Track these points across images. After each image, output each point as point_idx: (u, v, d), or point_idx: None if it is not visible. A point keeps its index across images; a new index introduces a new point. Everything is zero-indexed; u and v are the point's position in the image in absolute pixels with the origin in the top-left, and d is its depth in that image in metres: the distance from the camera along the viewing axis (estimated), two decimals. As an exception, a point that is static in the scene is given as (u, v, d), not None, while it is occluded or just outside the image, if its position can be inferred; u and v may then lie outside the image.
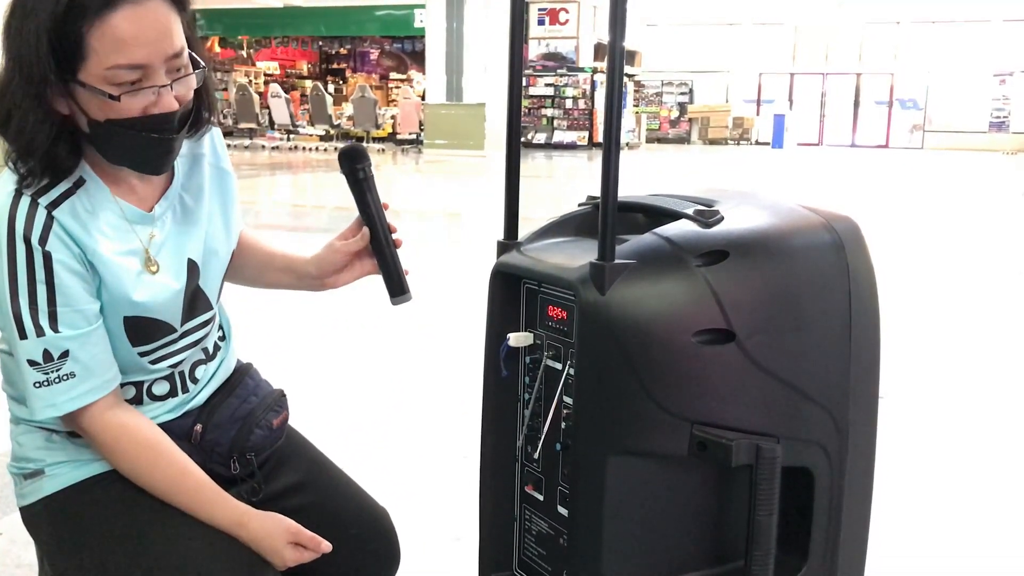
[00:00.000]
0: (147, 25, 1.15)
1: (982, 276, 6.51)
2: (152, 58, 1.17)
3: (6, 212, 1.17)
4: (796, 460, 1.13)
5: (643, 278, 1.09)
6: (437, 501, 2.61)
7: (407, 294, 1.36)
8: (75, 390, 1.19)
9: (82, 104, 1.18)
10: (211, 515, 1.25)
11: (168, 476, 1.25)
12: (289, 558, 1.26)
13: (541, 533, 1.29)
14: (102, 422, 1.22)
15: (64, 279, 1.18)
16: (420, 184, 13.75)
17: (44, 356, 1.17)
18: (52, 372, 1.18)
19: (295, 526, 1.28)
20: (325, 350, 3.95)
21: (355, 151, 1.35)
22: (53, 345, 1.18)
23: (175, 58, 1.20)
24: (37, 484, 1.29)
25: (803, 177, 15.31)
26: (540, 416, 1.25)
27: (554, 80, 21.98)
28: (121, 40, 1.14)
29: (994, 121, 24.16)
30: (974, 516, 2.51)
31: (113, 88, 1.16)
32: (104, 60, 1.14)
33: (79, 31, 1.13)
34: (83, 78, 1.15)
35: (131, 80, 1.16)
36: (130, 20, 1.14)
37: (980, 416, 3.41)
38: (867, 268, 1.19)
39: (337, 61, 27.19)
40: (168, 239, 1.31)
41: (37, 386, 1.18)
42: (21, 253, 1.16)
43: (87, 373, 1.20)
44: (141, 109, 1.18)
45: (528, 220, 1.31)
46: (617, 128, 1.08)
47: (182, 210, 1.34)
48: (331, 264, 1.44)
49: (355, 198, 1.38)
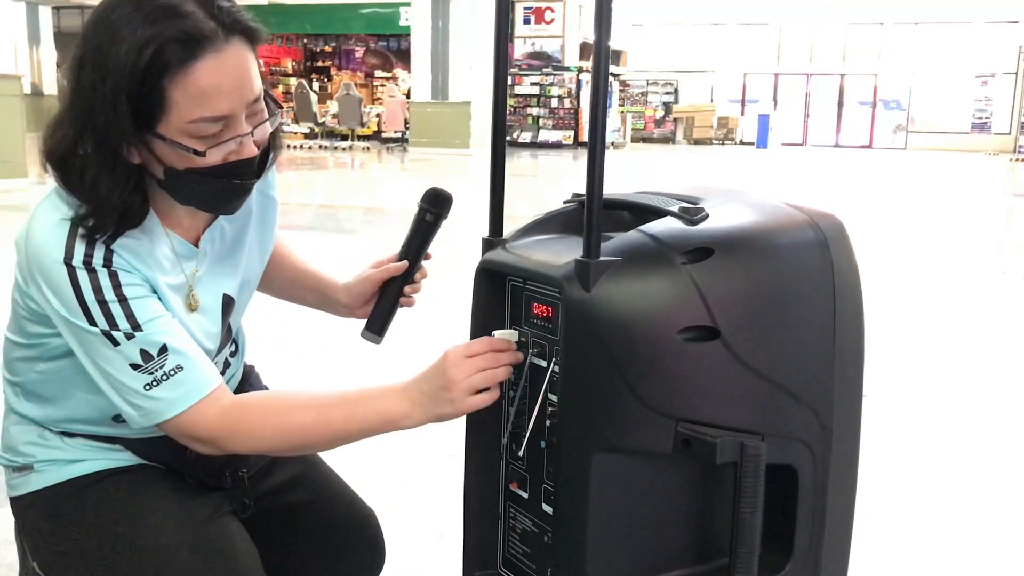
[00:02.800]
0: (229, 73, 1.11)
1: (964, 275, 6.56)
2: (235, 108, 1.13)
3: (63, 245, 1.12)
4: (780, 457, 1.13)
5: (628, 275, 1.08)
6: (422, 499, 2.60)
7: (380, 338, 1.40)
8: (187, 385, 1.15)
9: (159, 155, 1.13)
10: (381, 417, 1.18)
11: (314, 416, 1.19)
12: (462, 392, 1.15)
13: (526, 531, 1.29)
14: (215, 416, 1.16)
15: (135, 291, 1.14)
16: (406, 182, 13.72)
17: (143, 356, 1.13)
18: (157, 369, 1.13)
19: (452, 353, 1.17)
20: (307, 347, 3.93)
21: (444, 197, 1.37)
22: (147, 342, 1.13)
23: (255, 103, 1.16)
24: (26, 478, 1.28)
25: (788, 177, 15.37)
26: (525, 414, 1.24)
27: (540, 79, 21.99)
28: (204, 92, 1.09)
29: (976, 122, 24.35)
30: (957, 514, 2.53)
31: (197, 142, 1.11)
32: (186, 114, 1.09)
33: (160, 86, 1.08)
34: (163, 131, 1.10)
35: (213, 132, 1.12)
36: (212, 70, 1.09)
37: (961, 414, 3.43)
38: (851, 266, 1.19)
39: (322, 59, 27.09)
40: (207, 273, 1.28)
41: (148, 388, 1.13)
42: (84, 279, 1.12)
43: (190, 367, 1.15)
44: (223, 158, 1.14)
45: (513, 219, 1.31)
46: (603, 124, 1.08)
47: (222, 242, 1.31)
48: (362, 295, 1.44)
49: (410, 234, 1.40)
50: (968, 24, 24.34)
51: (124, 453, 1.28)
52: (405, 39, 20.92)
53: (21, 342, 1.24)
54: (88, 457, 1.27)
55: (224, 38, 1.10)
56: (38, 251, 1.13)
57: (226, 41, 1.10)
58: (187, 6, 1.09)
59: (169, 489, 1.28)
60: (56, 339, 1.20)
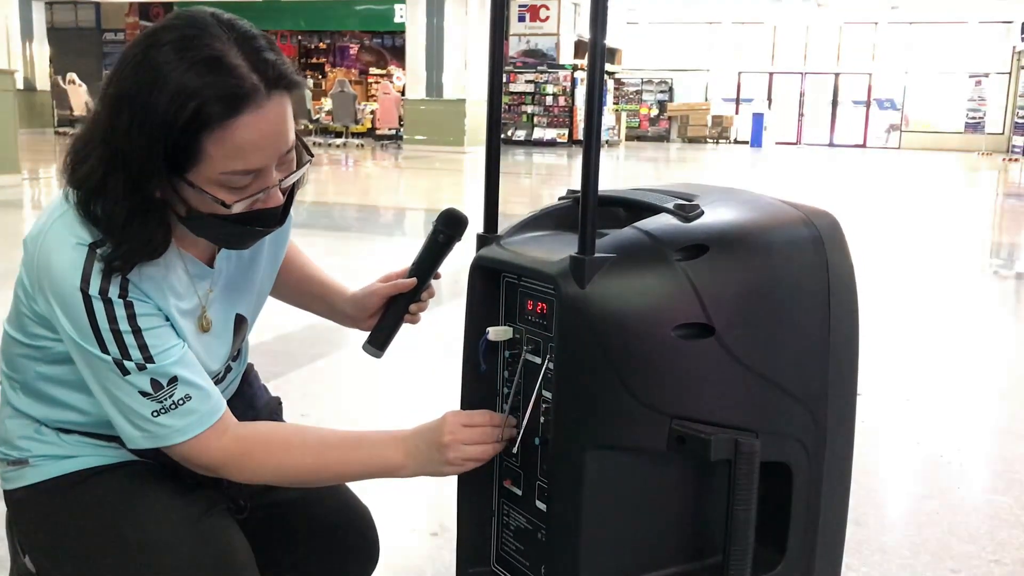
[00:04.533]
0: (267, 129, 1.09)
1: (957, 274, 6.57)
2: (268, 162, 1.12)
3: (80, 271, 1.11)
4: (774, 455, 1.13)
5: (623, 272, 1.08)
6: (415, 496, 2.60)
7: (381, 353, 1.40)
8: (195, 414, 1.16)
9: (185, 198, 1.12)
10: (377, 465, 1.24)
11: (314, 457, 1.23)
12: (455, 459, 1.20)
13: (519, 528, 1.29)
14: (221, 447, 1.19)
15: (149, 322, 1.14)
16: (400, 179, 13.71)
17: (153, 385, 1.14)
18: (167, 399, 1.14)
19: (451, 419, 1.22)
20: (302, 343, 3.93)
21: (459, 219, 1.37)
22: (159, 373, 1.14)
23: (287, 154, 1.15)
24: (20, 472, 1.27)
25: (782, 176, 15.39)
26: (519, 410, 1.24)
27: (534, 77, 21.97)
28: (240, 148, 1.08)
29: (970, 121, 24.39)
30: (948, 512, 2.53)
31: (225, 193, 1.10)
32: (219, 166, 1.08)
33: (198, 139, 1.06)
34: (193, 179, 1.09)
35: (244, 184, 1.11)
36: (252, 127, 1.08)
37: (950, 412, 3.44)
38: (846, 263, 1.19)
39: (316, 56, 27.02)
40: (220, 293, 1.28)
41: (156, 415, 1.15)
42: (100, 309, 1.11)
43: (199, 397, 1.17)
44: (247, 207, 1.14)
45: (506, 217, 1.31)
46: (598, 121, 1.08)
47: (239, 261, 1.30)
48: (368, 308, 1.44)
49: (422, 253, 1.40)
50: (962, 24, 24.37)
51: (119, 450, 1.28)
52: (400, 36, 20.89)
53: (23, 340, 1.24)
54: (84, 453, 1.26)
55: (266, 94, 1.08)
56: (53, 272, 1.12)
57: (267, 97, 1.09)
58: (233, 58, 1.07)
59: (164, 486, 1.27)
60: (59, 345, 1.19)
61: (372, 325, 1.43)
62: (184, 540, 1.22)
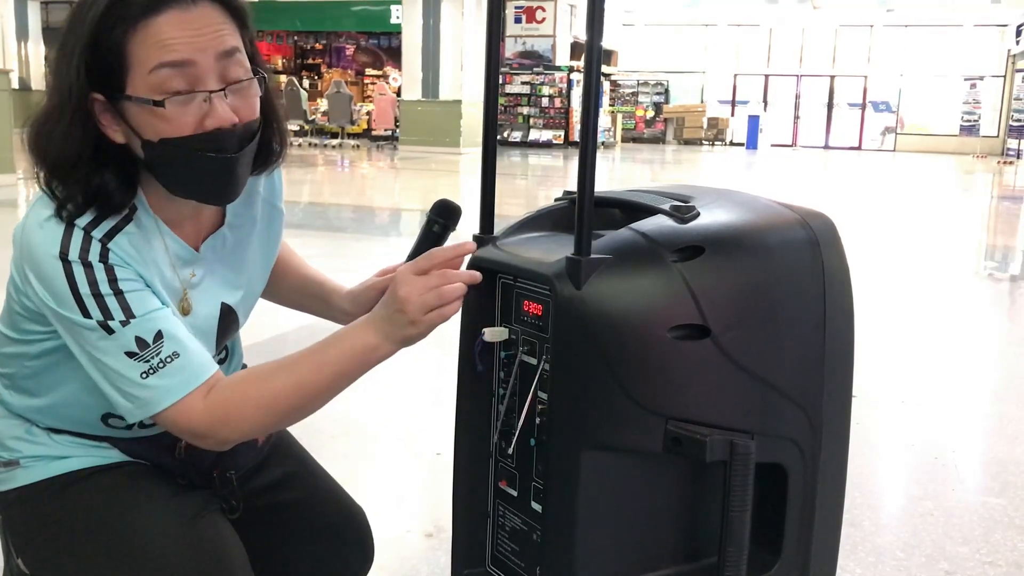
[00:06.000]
0: (192, 23, 1.07)
1: (951, 276, 6.59)
2: (196, 54, 1.08)
3: (58, 243, 1.09)
4: (770, 456, 1.13)
5: (619, 273, 1.08)
6: (410, 497, 2.60)
7: None
8: (184, 372, 1.12)
9: (134, 124, 1.10)
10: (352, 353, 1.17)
11: (286, 376, 1.17)
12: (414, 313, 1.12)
13: (515, 529, 1.28)
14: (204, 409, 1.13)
15: (130, 285, 1.12)
16: (396, 180, 13.70)
17: (139, 343, 1.10)
18: (154, 357, 1.10)
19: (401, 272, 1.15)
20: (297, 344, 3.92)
21: (453, 209, 1.36)
22: (144, 329, 1.10)
23: (226, 58, 1.11)
24: (11, 473, 1.27)
25: (777, 178, 15.41)
26: (515, 411, 1.24)
27: (531, 78, 21.98)
28: (163, 41, 1.06)
29: (965, 124, 24.44)
30: (943, 513, 2.54)
31: (159, 95, 1.07)
32: (147, 63, 1.06)
33: (120, 40, 1.06)
34: (130, 92, 1.08)
35: (179, 87, 1.08)
36: (174, 23, 1.06)
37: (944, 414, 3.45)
38: (842, 265, 1.20)
39: (312, 56, 27.01)
40: (205, 279, 1.26)
41: (144, 376, 1.10)
42: (80, 273, 1.09)
43: (187, 352, 1.13)
44: (195, 122, 1.10)
45: (502, 218, 1.31)
46: (594, 122, 1.08)
47: (224, 250, 1.29)
48: (365, 304, 1.42)
49: (417, 244, 1.39)
50: (957, 27, 24.45)
51: (112, 451, 1.27)
52: (396, 37, 20.88)
53: (13, 336, 1.23)
54: (75, 454, 1.26)
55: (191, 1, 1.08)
56: (31, 246, 1.11)
57: (194, 3, 1.08)
58: None
59: (157, 487, 1.27)
60: (49, 341, 1.19)
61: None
62: (178, 542, 1.21)
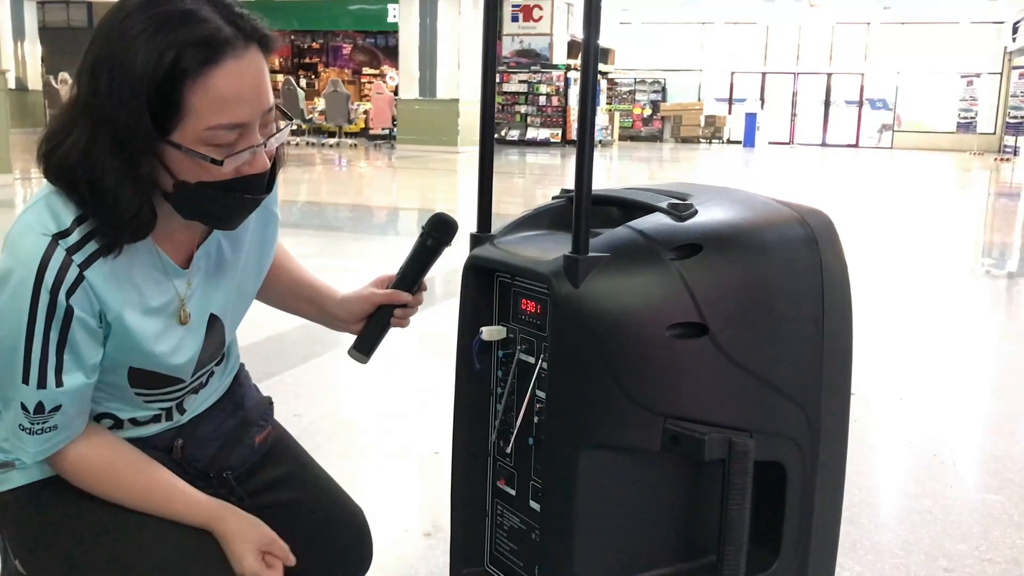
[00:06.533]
0: (248, 80, 1.08)
1: (948, 273, 6.59)
2: (252, 116, 1.10)
3: (37, 262, 1.09)
4: (768, 454, 1.13)
5: (617, 271, 1.08)
6: (409, 497, 2.60)
7: (367, 359, 1.39)
8: (51, 441, 1.18)
9: (172, 166, 1.10)
10: (186, 518, 1.24)
11: (136, 493, 1.24)
12: (249, 567, 1.23)
13: (513, 528, 1.28)
14: (60, 459, 1.21)
15: (77, 335, 1.13)
16: (393, 179, 13.69)
17: (36, 408, 1.14)
18: (39, 424, 1.15)
19: (270, 535, 1.27)
20: (295, 343, 3.92)
21: (448, 223, 1.36)
22: (49, 399, 1.14)
23: (268, 113, 1.13)
24: (6, 475, 1.26)
25: (775, 175, 15.41)
26: (513, 410, 1.24)
27: (528, 77, 21.96)
28: (223, 99, 1.06)
29: (961, 122, 24.43)
30: (941, 511, 2.54)
31: (213, 151, 1.08)
32: (204, 120, 1.06)
33: (179, 91, 1.05)
34: (178, 139, 1.07)
35: (229, 141, 1.09)
36: (232, 76, 1.06)
37: (943, 411, 3.45)
38: (840, 263, 1.19)
39: (309, 55, 26.98)
40: (197, 290, 1.26)
41: (21, 429, 1.16)
42: (43, 303, 1.10)
43: (66, 426, 1.18)
44: (235, 170, 1.11)
45: (499, 216, 1.30)
46: (592, 120, 1.07)
47: (217, 259, 1.29)
48: (359, 312, 1.43)
49: (410, 258, 1.39)
50: (954, 24, 24.44)
51: (107, 450, 1.27)
52: (393, 36, 20.85)
53: None
54: None
55: (243, 44, 1.08)
56: (15, 255, 1.10)
57: (245, 48, 1.08)
58: (204, 12, 1.07)
59: (153, 486, 1.27)
60: None
61: (359, 328, 1.42)
62: (176, 541, 1.22)
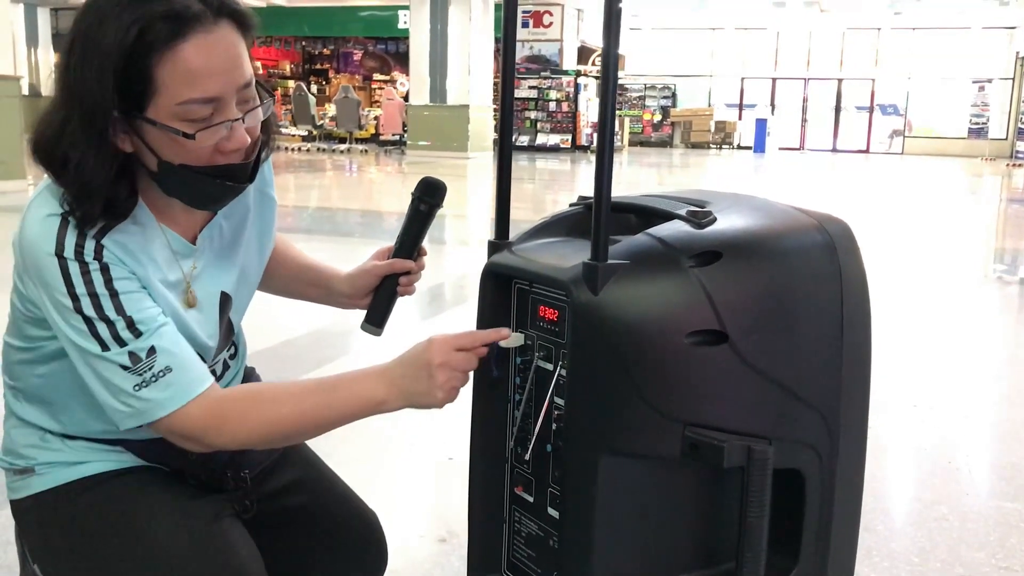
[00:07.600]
0: (218, 54, 1.09)
1: (961, 279, 6.56)
2: (225, 90, 1.10)
3: (53, 238, 1.10)
4: (787, 462, 1.13)
5: (636, 279, 1.08)
6: (424, 502, 2.60)
7: (380, 330, 1.39)
8: (176, 386, 1.13)
9: (151, 143, 1.11)
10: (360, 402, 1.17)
11: (299, 399, 1.18)
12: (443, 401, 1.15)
13: (531, 535, 1.28)
14: (200, 415, 1.15)
15: (126, 285, 1.13)
16: (404, 185, 13.71)
17: (132, 358, 1.12)
18: (147, 371, 1.12)
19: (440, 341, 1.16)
20: (308, 347, 3.92)
21: (437, 186, 1.37)
22: (139, 348, 1.12)
23: (245, 88, 1.14)
24: (26, 481, 1.27)
25: (786, 181, 15.38)
26: (531, 417, 1.24)
27: (538, 83, 21.99)
28: (193, 72, 1.07)
29: (973, 127, 24.36)
30: (957, 518, 2.53)
31: (187, 125, 1.09)
32: (175, 95, 1.08)
33: (147, 65, 1.06)
34: (152, 115, 1.09)
35: (204, 115, 1.10)
36: (201, 50, 1.07)
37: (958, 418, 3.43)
38: (859, 270, 1.19)
39: (320, 61, 27.10)
40: (204, 270, 1.27)
41: (138, 388, 1.12)
42: (76, 271, 1.10)
43: (179, 366, 1.14)
44: (213, 145, 1.12)
45: (511, 222, 1.31)
46: (611, 128, 1.08)
47: (220, 240, 1.30)
48: (365, 286, 1.44)
49: (405, 225, 1.40)
50: (965, 30, 24.38)
51: (126, 455, 1.27)
52: (403, 42, 20.93)
53: (20, 345, 1.24)
54: (89, 459, 1.26)
55: (212, 19, 1.09)
56: (30, 245, 1.12)
57: (215, 23, 1.09)
58: None
59: (171, 491, 1.27)
60: (53, 343, 1.19)
61: (367, 303, 1.42)
62: (194, 546, 1.22)
